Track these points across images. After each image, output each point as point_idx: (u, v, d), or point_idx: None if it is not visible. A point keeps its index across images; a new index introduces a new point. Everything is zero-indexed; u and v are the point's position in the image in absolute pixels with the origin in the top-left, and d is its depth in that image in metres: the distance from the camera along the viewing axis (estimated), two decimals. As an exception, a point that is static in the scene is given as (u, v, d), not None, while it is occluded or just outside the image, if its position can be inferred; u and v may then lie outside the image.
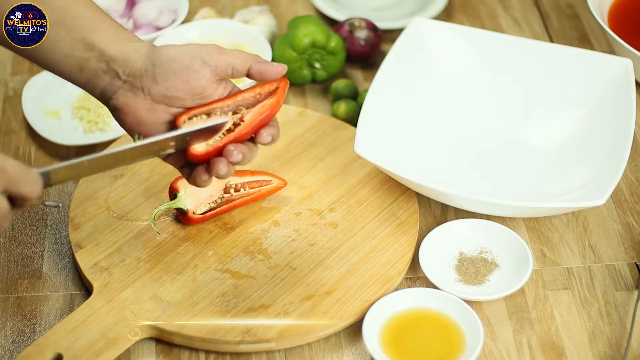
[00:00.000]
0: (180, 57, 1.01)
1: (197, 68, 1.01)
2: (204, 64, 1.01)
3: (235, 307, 1.08)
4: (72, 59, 1.02)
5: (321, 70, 1.38)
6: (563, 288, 1.13)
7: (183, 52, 1.01)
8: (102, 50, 1.01)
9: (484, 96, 1.30)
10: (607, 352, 1.06)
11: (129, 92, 1.01)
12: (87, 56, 1.01)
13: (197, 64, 1.01)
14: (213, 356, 1.07)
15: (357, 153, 1.14)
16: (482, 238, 1.15)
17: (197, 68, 1.01)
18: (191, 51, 1.01)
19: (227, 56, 1.02)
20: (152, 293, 1.09)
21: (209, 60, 1.01)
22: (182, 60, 1.00)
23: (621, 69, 1.25)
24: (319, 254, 1.13)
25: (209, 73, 1.01)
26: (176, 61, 1.00)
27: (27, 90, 1.35)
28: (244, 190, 1.17)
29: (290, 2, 1.56)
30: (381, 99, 1.23)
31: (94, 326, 1.05)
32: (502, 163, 1.25)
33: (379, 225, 1.17)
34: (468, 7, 1.55)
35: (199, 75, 1.01)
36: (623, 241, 1.18)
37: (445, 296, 1.08)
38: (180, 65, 1.00)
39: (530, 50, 1.30)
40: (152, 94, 1.01)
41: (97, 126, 1.32)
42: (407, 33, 1.30)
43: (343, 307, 1.08)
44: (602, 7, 1.43)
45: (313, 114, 1.31)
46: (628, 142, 1.16)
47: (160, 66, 1.00)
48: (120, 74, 1.01)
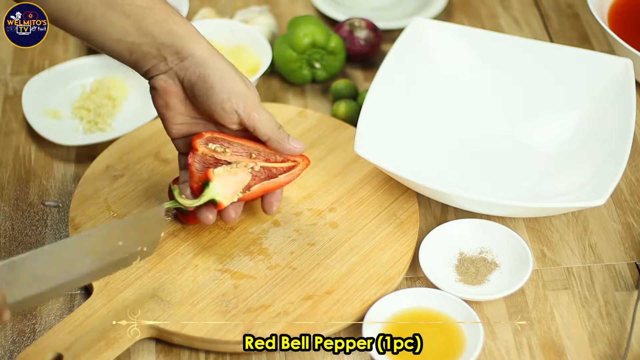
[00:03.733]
0: (220, 87, 1.05)
1: (226, 109, 1.06)
2: (233, 110, 1.06)
3: (235, 307, 1.08)
4: (123, 43, 1.05)
5: (321, 70, 1.38)
6: (563, 288, 1.13)
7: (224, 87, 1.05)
8: (155, 38, 1.04)
9: (484, 96, 1.30)
10: (607, 352, 1.06)
11: (170, 79, 1.06)
12: (139, 42, 1.04)
13: (228, 105, 1.05)
14: (213, 356, 1.07)
15: (357, 153, 1.14)
16: (482, 238, 1.15)
17: (227, 109, 1.06)
18: (231, 90, 1.05)
19: (255, 117, 1.07)
20: (152, 293, 1.09)
21: (240, 111, 1.06)
22: (219, 94, 1.05)
23: (621, 69, 1.25)
24: (319, 254, 1.13)
25: (233, 118, 1.07)
26: (215, 90, 1.05)
27: (27, 90, 1.35)
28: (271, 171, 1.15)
29: (290, 2, 1.56)
30: (381, 99, 1.23)
31: (94, 326, 1.05)
32: (502, 163, 1.25)
33: (379, 225, 1.17)
34: (468, 7, 1.55)
35: (224, 115, 1.06)
36: (623, 241, 1.18)
37: (445, 296, 1.08)
38: (215, 98, 1.05)
39: (530, 50, 1.30)
40: (187, 94, 1.07)
41: (97, 126, 1.32)
42: (407, 33, 1.30)
43: (343, 307, 1.08)
44: (602, 7, 1.43)
45: (313, 114, 1.31)
46: (628, 142, 1.16)
47: (200, 83, 1.05)
48: (168, 61, 1.05)
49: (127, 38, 1.04)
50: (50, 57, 1.46)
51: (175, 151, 1.12)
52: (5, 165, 1.29)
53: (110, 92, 1.35)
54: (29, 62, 1.45)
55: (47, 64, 1.45)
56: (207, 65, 1.05)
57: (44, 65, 1.44)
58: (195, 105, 1.07)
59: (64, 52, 1.47)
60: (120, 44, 1.05)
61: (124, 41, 1.04)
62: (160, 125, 1.28)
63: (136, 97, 1.37)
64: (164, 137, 1.26)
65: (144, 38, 1.04)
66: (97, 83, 1.37)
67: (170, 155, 1.24)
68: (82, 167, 1.27)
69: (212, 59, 1.05)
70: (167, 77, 1.06)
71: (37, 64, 1.45)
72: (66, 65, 1.39)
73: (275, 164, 1.10)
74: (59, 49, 1.47)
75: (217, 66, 1.05)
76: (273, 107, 1.32)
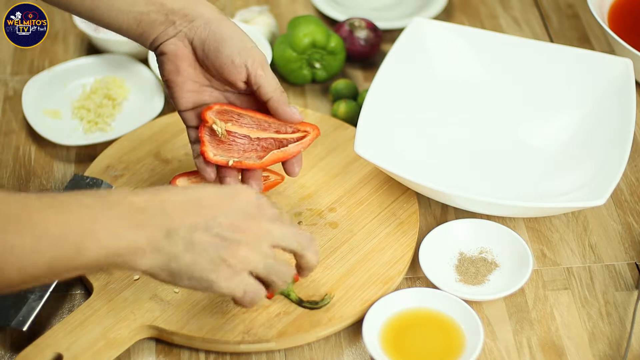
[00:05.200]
0: (230, 42, 1.06)
1: (236, 63, 1.06)
2: (243, 64, 1.06)
3: (235, 307, 1.08)
4: (130, 14, 1.06)
5: (321, 70, 1.38)
6: (563, 288, 1.13)
7: (234, 41, 1.06)
8: (163, 5, 1.05)
9: (484, 96, 1.30)
10: (607, 352, 1.06)
11: (180, 41, 1.07)
12: (147, 10, 1.05)
13: (238, 59, 1.06)
14: (213, 356, 1.07)
15: (357, 153, 1.14)
16: (482, 238, 1.15)
17: (236, 63, 1.06)
18: (241, 45, 1.06)
19: (262, 75, 1.07)
20: (152, 293, 1.09)
21: (249, 66, 1.07)
22: (230, 47, 1.06)
23: (621, 69, 1.25)
24: (319, 254, 1.13)
25: (242, 73, 1.07)
26: (226, 44, 1.06)
27: (27, 90, 1.35)
28: None
29: (290, 2, 1.56)
30: (381, 99, 1.23)
31: (94, 326, 1.05)
32: (502, 163, 1.25)
33: (379, 225, 1.17)
34: (468, 7, 1.55)
35: (233, 69, 1.06)
36: (623, 241, 1.18)
37: (445, 296, 1.08)
38: (226, 51, 1.06)
39: (530, 50, 1.30)
40: (197, 54, 1.07)
41: (97, 126, 1.32)
42: (407, 33, 1.30)
43: (343, 307, 1.08)
44: (602, 7, 1.43)
45: (313, 114, 1.31)
46: (628, 142, 1.16)
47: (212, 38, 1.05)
48: (177, 25, 1.06)
49: (134, 8, 1.05)
50: (50, 57, 1.46)
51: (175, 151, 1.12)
52: (5, 165, 1.28)
53: (110, 92, 1.35)
54: (29, 62, 1.45)
55: (47, 64, 1.45)
56: (217, 23, 1.06)
57: (44, 65, 1.44)
58: (205, 64, 1.07)
59: (64, 52, 1.47)
60: (127, 15, 1.05)
61: (132, 11, 1.05)
62: (160, 125, 1.28)
63: (136, 97, 1.37)
64: (164, 137, 1.26)
65: (152, 6, 1.05)
66: (97, 83, 1.37)
67: (170, 155, 1.24)
68: (82, 167, 1.27)
69: (221, 18, 1.07)
70: (176, 40, 1.07)
71: (37, 64, 1.45)
72: (66, 65, 1.39)
73: (286, 135, 1.11)
74: (59, 49, 1.47)
75: (227, 23, 1.07)
76: (273, 107, 1.32)
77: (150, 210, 0.91)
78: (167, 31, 1.06)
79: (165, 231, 0.91)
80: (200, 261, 0.92)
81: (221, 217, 0.93)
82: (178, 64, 1.07)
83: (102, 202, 0.89)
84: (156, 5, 1.05)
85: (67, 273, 0.88)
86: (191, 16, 1.06)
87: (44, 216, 0.85)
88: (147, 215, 0.90)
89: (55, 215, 0.86)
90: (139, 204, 0.90)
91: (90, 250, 0.87)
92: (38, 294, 1.09)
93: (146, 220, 0.90)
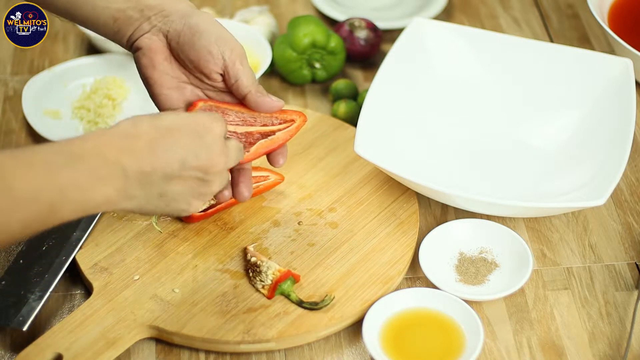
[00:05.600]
0: (207, 32, 1.05)
1: (213, 52, 1.05)
2: (220, 54, 1.05)
3: (235, 307, 1.08)
4: (108, 10, 1.05)
5: (321, 70, 1.38)
6: (563, 288, 1.13)
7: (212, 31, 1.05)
8: (139, 1, 1.05)
9: (484, 96, 1.30)
10: (607, 352, 1.06)
11: (155, 35, 1.06)
12: (124, 6, 1.05)
13: (215, 49, 1.05)
14: (213, 356, 1.07)
15: (357, 153, 1.14)
16: (482, 238, 1.15)
17: (213, 53, 1.05)
18: (218, 35, 1.05)
19: (240, 68, 1.06)
20: (152, 293, 1.09)
21: (226, 57, 1.05)
22: (207, 37, 1.05)
23: (621, 69, 1.25)
24: (319, 254, 1.13)
25: (219, 64, 1.06)
26: (202, 35, 1.04)
27: (27, 90, 1.35)
28: None
29: (290, 2, 1.56)
30: (381, 99, 1.23)
31: (94, 326, 1.05)
32: (502, 163, 1.25)
33: (379, 225, 1.17)
34: (468, 7, 1.55)
35: (209, 59, 1.05)
36: (623, 241, 1.18)
37: (445, 296, 1.08)
38: (202, 41, 1.04)
39: (530, 50, 1.30)
40: (172, 47, 1.06)
41: (97, 126, 1.32)
42: (407, 33, 1.30)
43: (343, 307, 1.08)
44: (602, 7, 1.43)
45: (313, 114, 1.31)
46: (628, 142, 1.16)
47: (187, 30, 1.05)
48: (152, 20, 1.05)
49: (112, 5, 1.05)
50: (50, 57, 1.46)
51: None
52: (5, 165, 1.28)
53: (110, 92, 1.35)
54: (29, 62, 1.45)
55: (47, 64, 1.45)
56: (193, 15, 1.06)
57: (44, 65, 1.44)
58: (180, 57, 1.06)
59: (64, 52, 1.47)
60: (105, 12, 1.05)
61: (109, 8, 1.05)
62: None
63: (136, 97, 1.37)
64: (164, 137, 1.26)
65: (129, 2, 1.05)
66: (97, 83, 1.37)
67: (170, 155, 1.24)
68: (82, 167, 1.27)
69: (199, 12, 1.07)
70: (151, 35, 1.06)
71: (37, 64, 1.45)
72: (66, 65, 1.39)
73: (273, 127, 1.10)
74: (59, 49, 1.47)
75: (204, 16, 1.06)
76: (273, 107, 1.32)
77: (119, 160, 0.91)
78: (142, 27, 1.06)
79: (138, 181, 0.92)
80: (174, 203, 0.97)
81: (191, 158, 0.95)
82: (152, 58, 1.06)
83: (70, 157, 0.89)
84: (133, 2, 1.05)
85: (45, 228, 0.89)
86: (167, 11, 1.06)
87: (16, 175, 0.86)
88: (116, 167, 0.90)
89: (25, 175, 0.86)
90: (106, 154, 0.90)
91: (64, 208, 0.88)
92: (38, 294, 1.09)
93: (114, 171, 0.90)
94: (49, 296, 1.09)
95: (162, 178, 0.94)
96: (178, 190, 0.96)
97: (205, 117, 0.98)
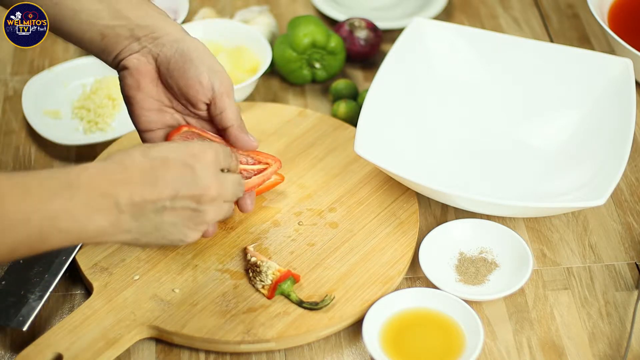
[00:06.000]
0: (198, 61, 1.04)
1: (204, 83, 1.05)
2: (210, 85, 1.05)
3: (235, 307, 1.08)
4: (95, 27, 1.04)
5: (321, 70, 1.38)
6: (563, 288, 1.13)
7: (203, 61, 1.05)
8: (130, 20, 1.04)
9: (484, 96, 1.30)
10: (607, 352, 1.06)
11: (144, 57, 1.05)
12: (113, 24, 1.04)
13: (205, 79, 1.05)
14: (213, 356, 1.07)
15: (357, 153, 1.14)
16: (482, 238, 1.15)
17: (204, 83, 1.05)
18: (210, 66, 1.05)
19: (227, 101, 1.06)
20: (152, 293, 1.09)
21: (216, 88, 1.05)
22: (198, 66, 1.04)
23: (621, 69, 1.25)
24: (319, 254, 1.13)
25: (207, 95, 1.06)
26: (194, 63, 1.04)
27: (27, 90, 1.35)
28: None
29: (290, 2, 1.56)
30: (381, 99, 1.23)
31: (94, 326, 1.05)
32: (502, 163, 1.25)
33: (379, 225, 1.17)
34: (468, 7, 1.55)
35: (199, 89, 1.05)
36: (623, 241, 1.18)
37: (445, 296, 1.08)
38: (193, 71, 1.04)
39: (530, 50, 1.30)
40: (161, 72, 1.05)
41: (97, 126, 1.32)
42: (407, 33, 1.30)
43: (343, 307, 1.08)
44: (602, 7, 1.43)
45: (313, 114, 1.31)
46: (628, 142, 1.16)
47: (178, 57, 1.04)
48: (142, 41, 1.05)
49: (99, 21, 1.04)
50: (50, 57, 1.46)
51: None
52: (5, 165, 1.29)
53: (110, 92, 1.35)
54: (29, 62, 1.45)
55: (47, 64, 1.45)
56: (185, 41, 1.05)
57: (44, 65, 1.45)
58: (168, 83, 1.06)
59: (64, 52, 1.47)
60: (92, 28, 1.04)
61: (96, 24, 1.04)
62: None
63: (136, 97, 1.37)
64: (164, 137, 1.26)
65: (118, 20, 1.04)
66: (97, 83, 1.37)
67: (170, 155, 1.24)
68: (82, 167, 1.27)
69: (190, 38, 1.06)
70: (140, 56, 1.05)
71: (37, 64, 1.45)
72: (66, 65, 1.39)
73: (247, 166, 1.11)
74: (59, 49, 1.47)
75: (194, 43, 1.06)
76: (273, 107, 1.32)
77: (112, 190, 0.91)
78: (131, 46, 1.05)
79: (130, 214, 0.92)
80: (170, 235, 0.97)
81: (181, 188, 0.94)
82: (139, 79, 1.06)
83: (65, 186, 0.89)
84: (122, 20, 1.04)
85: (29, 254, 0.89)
86: (157, 34, 1.05)
87: (9, 197, 0.86)
88: (109, 199, 0.90)
89: (18, 197, 0.86)
90: (100, 185, 0.90)
91: (54, 237, 0.88)
92: (38, 294, 1.09)
93: (108, 204, 0.90)
94: (49, 296, 1.09)
95: (154, 210, 0.93)
96: (172, 222, 0.95)
97: (196, 147, 0.97)
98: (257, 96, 1.38)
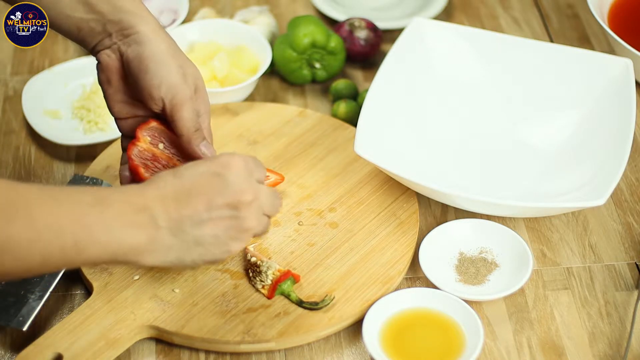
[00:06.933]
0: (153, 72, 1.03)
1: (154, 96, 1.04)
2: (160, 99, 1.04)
3: (235, 307, 1.08)
4: (72, 19, 1.05)
5: (321, 70, 1.38)
6: (563, 288, 1.13)
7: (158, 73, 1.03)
8: (103, 14, 1.04)
9: (484, 96, 1.30)
10: (607, 352, 1.06)
11: (114, 54, 1.06)
12: (87, 17, 1.04)
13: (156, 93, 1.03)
14: (213, 356, 1.07)
15: (357, 153, 1.14)
16: (482, 238, 1.15)
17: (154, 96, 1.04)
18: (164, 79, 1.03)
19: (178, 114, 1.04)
20: (152, 293, 1.09)
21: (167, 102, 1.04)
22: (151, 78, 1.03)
23: (621, 69, 1.25)
24: (319, 254, 1.13)
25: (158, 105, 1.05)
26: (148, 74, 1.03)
27: (27, 90, 1.35)
28: None
29: (290, 2, 1.56)
30: (381, 99, 1.23)
31: (94, 326, 1.05)
32: (502, 163, 1.25)
33: (379, 225, 1.17)
34: (468, 7, 1.55)
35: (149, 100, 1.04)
36: (623, 241, 1.18)
37: (445, 296, 1.08)
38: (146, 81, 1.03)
39: (530, 50, 1.30)
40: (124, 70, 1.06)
41: (97, 126, 1.32)
42: (407, 33, 1.30)
43: (343, 307, 1.08)
44: (602, 7, 1.43)
45: (313, 114, 1.31)
46: (628, 142, 1.16)
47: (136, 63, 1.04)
48: (113, 37, 1.05)
49: (75, 14, 1.04)
50: (50, 57, 1.46)
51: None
52: (5, 165, 1.29)
53: (110, 92, 1.35)
54: (29, 62, 1.45)
55: (47, 64, 1.45)
56: (147, 45, 1.04)
57: (44, 65, 1.45)
58: (129, 82, 1.06)
59: (64, 52, 1.47)
60: (68, 20, 1.05)
61: (72, 17, 1.05)
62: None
63: (136, 97, 1.37)
64: (164, 137, 1.26)
65: (92, 14, 1.04)
66: (97, 83, 1.37)
67: (170, 155, 1.24)
68: (82, 167, 1.27)
69: (156, 39, 1.04)
70: (110, 52, 1.06)
71: (37, 64, 1.45)
72: (66, 65, 1.39)
73: None
74: (59, 49, 1.47)
75: (157, 48, 1.04)
76: (273, 107, 1.32)
77: (148, 207, 0.91)
78: (104, 41, 1.05)
79: (169, 229, 0.92)
80: (213, 248, 0.96)
81: (215, 198, 0.94)
82: (109, 75, 1.06)
83: (99, 199, 0.89)
84: (95, 14, 1.04)
85: (64, 266, 0.89)
86: (127, 31, 1.04)
87: (40, 207, 0.85)
88: (145, 213, 0.91)
89: (50, 208, 0.86)
90: (135, 201, 0.91)
91: (90, 248, 0.87)
92: (38, 294, 1.09)
93: (144, 219, 0.91)
94: (49, 296, 1.09)
95: (193, 224, 0.93)
96: (212, 234, 0.95)
97: (224, 157, 0.98)
98: (257, 96, 1.38)
